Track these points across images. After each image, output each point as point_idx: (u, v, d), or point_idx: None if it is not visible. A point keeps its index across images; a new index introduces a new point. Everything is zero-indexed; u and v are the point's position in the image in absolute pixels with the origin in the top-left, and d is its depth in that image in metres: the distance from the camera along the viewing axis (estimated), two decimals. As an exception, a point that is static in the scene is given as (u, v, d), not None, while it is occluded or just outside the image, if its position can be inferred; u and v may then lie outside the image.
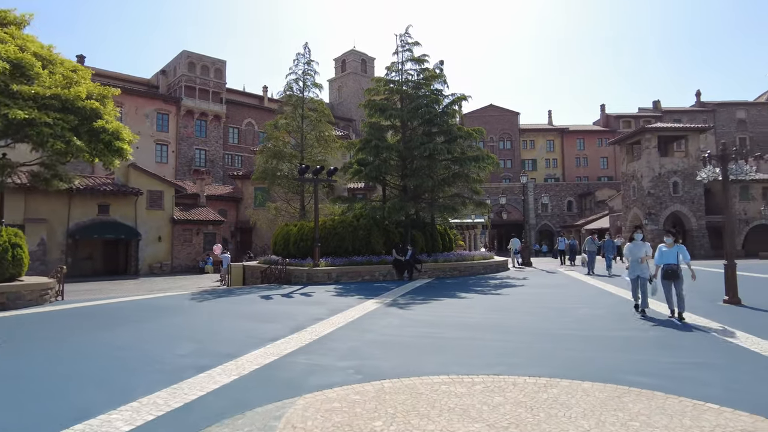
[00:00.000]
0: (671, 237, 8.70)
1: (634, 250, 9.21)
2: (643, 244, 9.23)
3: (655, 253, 8.79)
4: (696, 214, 42.00)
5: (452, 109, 20.80)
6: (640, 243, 9.28)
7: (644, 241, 9.40)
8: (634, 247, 9.25)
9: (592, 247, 18.67)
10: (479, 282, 16.69)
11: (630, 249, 9.28)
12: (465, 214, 23.68)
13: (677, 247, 8.59)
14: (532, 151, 75.03)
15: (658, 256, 8.65)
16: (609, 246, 18.54)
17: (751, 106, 77.13)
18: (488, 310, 10.10)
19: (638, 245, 9.23)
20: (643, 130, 43.49)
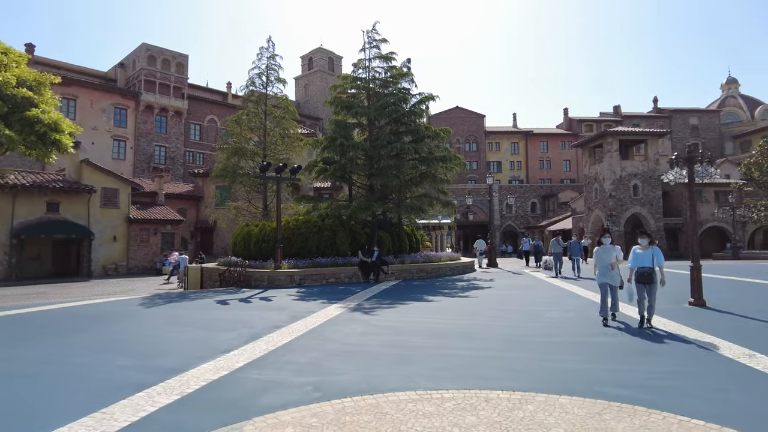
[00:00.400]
0: (646, 238, 8.12)
1: (603, 255, 8.51)
2: (612, 248, 8.53)
3: (629, 255, 8.21)
4: (655, 216, 43.17)
5: (420, 109, 20.44)
6: (610, 247, 8.56)
7: (614, 245, 8.68)
8: (603, 251, 8.54)
9: (558, 249, 18.09)
10: (447, 284, 16.36)
11: (598, 254, 8.58)
12: (432, 214, 23.40)
13: (652, 250, 8.06)
14: (497, 153, 75.97)
15: (633, 258, 8.07)
16: (575, 247, 18.06)
17: (703, 113, 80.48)
18: (457, 315, 9.72)
19: (607, 249, 8.52)
20: (605, 134, 44.43)
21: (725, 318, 9.04)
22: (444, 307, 10.87)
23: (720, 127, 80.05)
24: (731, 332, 7.54)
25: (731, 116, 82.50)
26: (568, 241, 19.29)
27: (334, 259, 17.27)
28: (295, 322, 8.96)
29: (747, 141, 73.38)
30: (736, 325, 8.36)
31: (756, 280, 16.20)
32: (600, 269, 8.55)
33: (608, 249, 8.53)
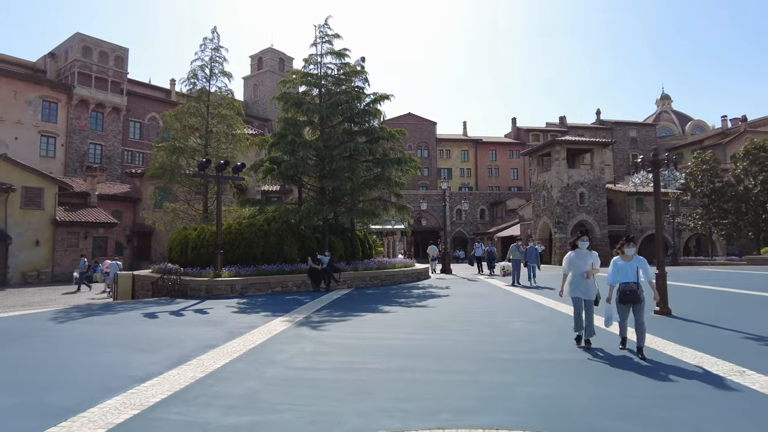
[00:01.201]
0: (632, 246, 6.62)
1: (577, 262, 6.99)
2: (589, 254, 7.05)
3: (609, 267, 6.72)
4: (600, 224, 44.31)
5: (374, 108, 19.54)
6: (586, 252, 7.06)
7: (590, 250, 7.22)
8: (578, 257, 7.02)
9: (517, 255, 16.84)
10: (402, 292, 15.47)
11: (572, 260, 7.04)
12: (385, 219, 22.51)
13: (637, 261, 6.52)
14: (448, 161, 76.64)
15: (613, 272, 6.59)
16: (532, 254, 17.14)
17: (641, 126, 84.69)
18: (417, 328, 8.80)
19: (582, 255, 7.03)
20: (554, 143, 45.31)
21: (695, 328, 8.62)
22: (402, 319, 9.93)
23: (656, 139, 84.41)
24: (708, 344, 7.05)
25: (665, 130, 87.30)
26: (525, 248, 18.10)
27: (281, 266, 15.98)
28: (233, 339, 7.75)
29: (680, 154, 77.51)
30: (709, 335, 7.92)
31: (703, 285, 16.31)
32: (573, 279, 7.05)
33: (583, 255, 7.04)
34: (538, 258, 17.30)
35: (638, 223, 46.12)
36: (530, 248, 17.64)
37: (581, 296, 7.01)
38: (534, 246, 17.94)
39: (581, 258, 7.08)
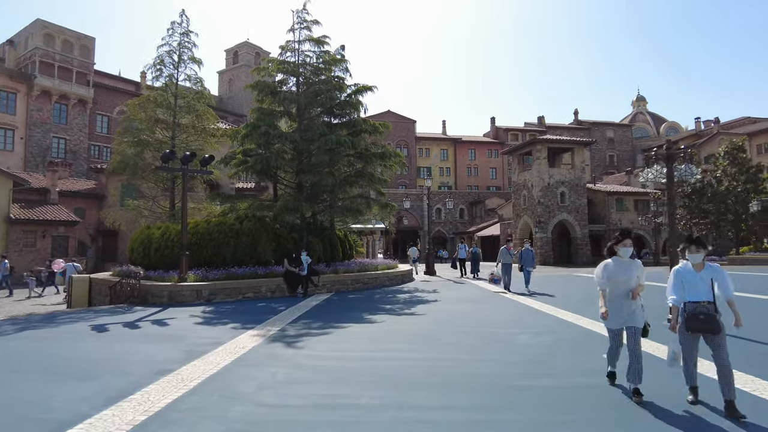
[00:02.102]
0: (700, 250, 4.60)
1: (618, 276, 4.85)
2: (633, 264, 4.93)
3: (670, 279, 4.73)
4: (580, 223, 44.04)
5: (356, 100, 18.26)
6: (629, 262, 4.92)
7: (634, 257, 5.05)
8: (618, 268, 4.88)
9: (508, 259, 15.20)
10: (387, 297, 14.28)
11: (609, 272, 4.90)
12: (367, 218, 21.30)
13: (710, 270, 4.57)
14: (427, 159, 76.00)
15: (676, 285, 4.61)
16: (528, 256, 15.16)
17: (617, 127, 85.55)
18: (409, 343, 7.62)
19: (624, 266, 4.88)
20: (535, 141, 44.85)
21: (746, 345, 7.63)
22: (390, 331, 8.72)
23: (632, 140, 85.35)
24: (746, 362, 6.03)
25: (641, 131, 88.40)
26: (518, 250, 16.66)
27: (253, 269, 14.59)
28: (192, 361, 6.43)
29: (656, 154, 78.39)
30: (741, 350, 6.94)
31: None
32: (613, 300, 4.88)
33: (627, 266, 4.89)
34: (533, 261, 15.43)
35: (618, 223, 45.98)
36: (525, 250, 15.55)
37: (623, 325, 4.92)
38: (529, 248, 15.79)
39: (623, 270, 4.86)
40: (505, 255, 15.35)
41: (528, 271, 15.00)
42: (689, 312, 4.50)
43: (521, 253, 15.49)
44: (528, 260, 15.07)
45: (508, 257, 15.33)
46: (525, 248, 15.64)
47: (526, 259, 15.15)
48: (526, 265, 15.03)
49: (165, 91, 19.54)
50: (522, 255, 15.42)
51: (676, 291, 4.63)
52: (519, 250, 15.92)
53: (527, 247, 15.75)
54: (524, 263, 15.11)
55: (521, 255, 15.44)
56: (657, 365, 5.72)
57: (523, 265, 15.14)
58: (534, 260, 15.38)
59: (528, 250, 15.49)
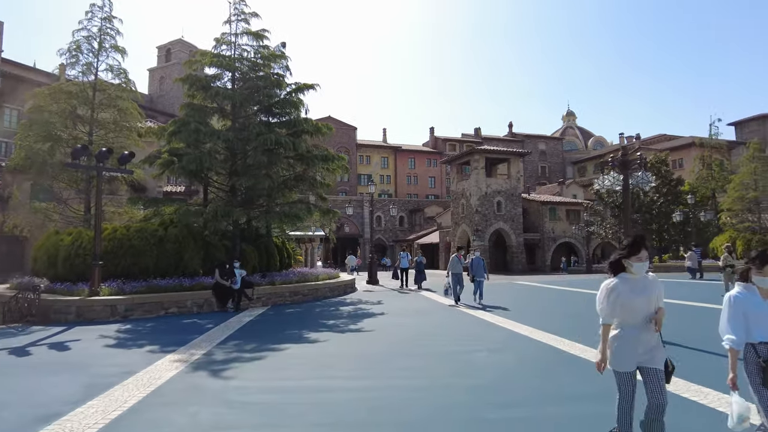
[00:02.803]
0: None
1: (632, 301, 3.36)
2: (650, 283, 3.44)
3: (726, 307, 3.37)
4: (516, 232, 45.10)
5: (297, 98, 17.16)
6: (644, 280, 3.43)
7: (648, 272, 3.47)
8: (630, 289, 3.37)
9: (459, 269, 14.09)
10: (329, 310, 13.26)
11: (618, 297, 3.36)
12: (307, 225, 20.16)
13: None
14: (368, 167, 75.69)
15: (736, 318, 3.30)
16: (479, 265, 14.03)
17: (549, 139, 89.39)
18: (358, 368, 6.69)
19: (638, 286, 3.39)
20: (474, 151, 45.59)
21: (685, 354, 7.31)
22: (336, 353, 7.73)
23: (563, 153, 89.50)
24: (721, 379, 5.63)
25: (571, 144, 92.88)
26: (469, 258, 14.91)
27: (179, 281, 13.07)
28: (91, 400, 5.15)
29: (583, 167, 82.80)
30: (708, 365, 6.61)
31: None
32: (624, 335, 3.41)
33: (641, 285, 3.41)
34: (485, 270, 14.32)
35: (551, 232, 47.56)
36: (476, 259, 14.44)
37: (638, 366, 3.42)
38: (480, 256, 14.72)
39: (639, 291, 3.37)
40: (456, 264, 14.41)
41: (479, 282, 14.01)
42: (766, 359, 3.19)
43: (472, 262, 14.45)
44: (479, 270, 14.05)
45: (458, 266, 14.38)
46: (476, 257, 14.65)
47: (477, 268, 14.10)
48: (477, 275, 14.03)
49: (81, 82, 17.45)
50: (472, 264, 14.38)
51: (736, 328, 3.25)
52: (470, 258, 14.84)
53: (477, 256, 14.76)
54: (475, 273, 14.09)
55: (471, 264, 14.42)
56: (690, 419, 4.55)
57: (474, 275, 14.14)
58: (486, 270, 14.40)
59: (479, 259, 14.48)
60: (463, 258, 15.02)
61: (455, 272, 14.15)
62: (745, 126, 64.90)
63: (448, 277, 14.30)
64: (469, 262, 14.62)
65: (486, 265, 14.50)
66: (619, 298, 3.38)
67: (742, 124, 65.07)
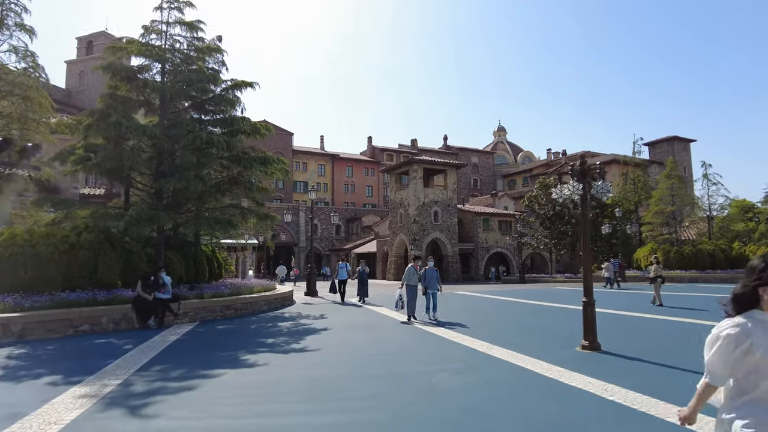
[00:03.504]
0: None
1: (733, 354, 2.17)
2: None
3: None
4: (451, 242, 45.61)
5: (233, 96, 15.90)
6: None
7: None
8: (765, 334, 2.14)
9: (414, 280, 12.79)
10: (266, 326, 12.09)
11: (750, 343, 2.13)
12: (240, 232, 18.76)
13: None
14: (304, 174, 74.34)
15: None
16: (432, 276, 12.85)
17: (481, 153, 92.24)
18: (309, 398, 5.72)
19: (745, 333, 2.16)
20: (412, 162, 45.73)
21: (642, 369, 7.02)
22: (280, 379, 6.69)
23: (494, 166, 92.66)
24: None
25: (501, 158, 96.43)
26: (422, 269, 13.37)
27: (93, 294, 11.39)
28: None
29: (513, 180, 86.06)
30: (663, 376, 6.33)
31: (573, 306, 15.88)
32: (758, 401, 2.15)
33: None
34: (439, 281, 13.10)
35: (485, 242, 48.52)
36: (429, 269, 13.15)
37: None
38: (433, 266, 13.41)
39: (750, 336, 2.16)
40: (412, 275, 12.98)
41: (432, 294, 12.92)
42: None
43: (425, 273, 13.11)
44: (432, 281, 12.93)
45: (414, 278, 12.97)
46: (429, 267, 13.31)
47: (431, 279, 12.95)
48: (431, 287, 12.93)
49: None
50: (426, 275, 13.05)
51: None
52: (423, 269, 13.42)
53: (431, 266, 13.36)
54: (428, 285, 12.96)
55: (425, 275, 13.09)
56: None
57: (427, 287, 12.97)
58: (440, 281, 13.21)
59: (432, 270, 13.16)
60: (419, 268, 13.44)
61: (411, 284, 12.85)
62: (656, 146, 70.24)
63: (401, 288, 12.91)
64: (421, 273, 13.24)
65: (439, 277, 13.39)
66: (755, 353, 2.12)
67: (653, 145, 70.34)
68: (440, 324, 11.96)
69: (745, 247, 31.38)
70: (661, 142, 70.10)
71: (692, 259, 30.41)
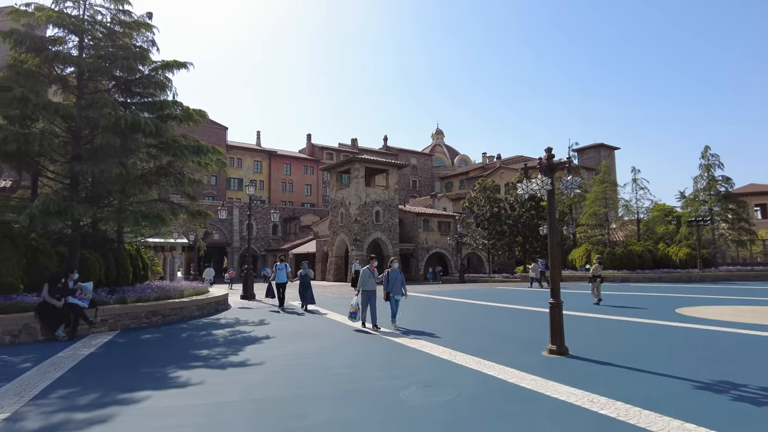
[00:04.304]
0: None
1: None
2: None
3: None
4: (392, 242, 45.27)
5: (164, 78, 14.25)
6: None
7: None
8: None
9: (371, 285, 11.11)
10: (199, 335, 10.71)
11: None
12: (170, 229, 17.05)
13: None
14: (239, 171, 71.56)
15: None
16: (396, 280, 11.16)
17: (420, 155, 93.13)
18: (258, 428, 4.69)
19: None
20: (353, 160, 44.93)
21: (619, 375, 6.58)
22: (219, 402, 5.51)
23: (432, 168, 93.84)
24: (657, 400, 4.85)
25: (439, 161, 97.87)
26: (386, 270, 11.52)
27: (-16, 300, 9.56)
28: None
29: (450, 182, 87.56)
30: (644, 383, 5.88)
31: (530, 308, 15.74)
32: None
33: None
34: (403, 286, 11.32)
35: (425, 242, 48.60)
36: (393, 272, 11.33)
37: None
38: (398, 269, 11.57)
39: None
40: (368, 279, 11.13)
41: (396, 301, 11.18)
42: None
43: (387, 276, 11.28)
44: (397, 285, 11.17)
45: (371, 282, 11.16)
46: (393, 269, 11.44)
47: (395, 283, 11.15)
48: (394, 292, 11.15)
49: None
50: (389, 278, 11.23)
51: None
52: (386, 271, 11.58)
53: (396, 268, 11.50)
54: (392, 289, 11.15)
55: (387, 278, 11.27)
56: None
57: (391, 293, 11.14)
58: (404, 285, 11.44)
59: (396, 272, 11.38)
60: (377, 271, 11.57)
61: (367, 289, 11.12)
62: (584, 153, 73.85)
63: (357, 295, 11.31)
64: (383, 276, 11.44)
65: (404, 281, 11.53)
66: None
67: (581, 151, 73.90)
68: (400, 330, 10.90)
69: (669, 249, 33.23)
70: (588, 148, 73.80)
71: (624, 260, 31.76)
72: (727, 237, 34.95)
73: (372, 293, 11.16)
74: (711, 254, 33.84)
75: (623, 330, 10.91)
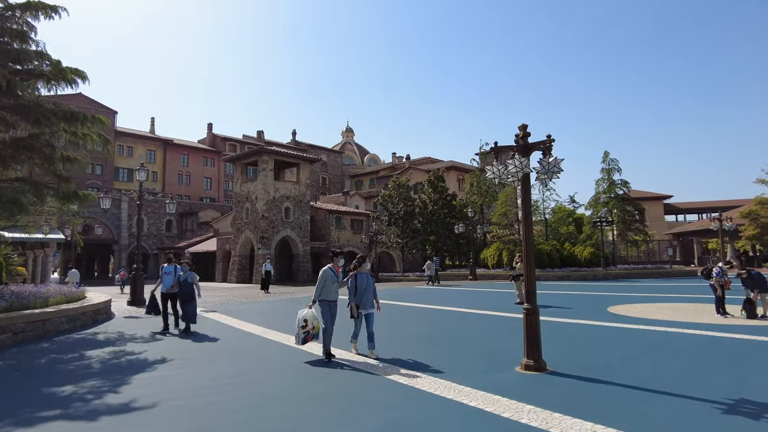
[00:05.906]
0: None
1: None
2: None
3: None
4: (303, 240, 43.07)
5: (24, 22, 10.97)
6: None
7: None
8: None
9: (334, 294, 7.86)
10: (64, 359, 7.95)
11: None
12: (34, 219, 13.57)
13: None
14: (129, 160, 64.75)
15: None
16: (369, 288, 7.88)
17: (330, 152, 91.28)
18: None
19: None
20: (262, 151, 42.00)
21: (614, 395, 5.35)
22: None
23: (342, 166, 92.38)
24: None
25: (349, 159, 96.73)
26: (351, 273, 8.02)
27: None
28: None
29: (360, 180, 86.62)
30: (648, 406, 4.71)
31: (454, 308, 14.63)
32: None
33: None
34: (375, 296, 8.14)
35: (337, 241, 46.91)
36: (362, 276, 7.99)
37: None
38: (369, 271, 8.32)
39: None
40: (330, 285, 7.89)
41: (369, 315, 7.96)
42: None
43: (356, 281, 7.94)
44: (368, 295, 7.97)
45: (334, 289, 7.93)
46: (362, 272, 8.08)
47: (367, 292, 7.93)
48: (365, 306, 7.94)
49: None
50: (358, 285, 7.91)
51: None
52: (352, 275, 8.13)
53: (367, 272, 8.19)
54: (362, 302, 7.91)
55: (355, 284, 7.94)
56: None
57: (359, 306, 7.87)
58: (377, 294, 8.20)
59: (367, 276, 8.09)
60: (341, 272, 8.18)
61: (329, 299, 7.88)
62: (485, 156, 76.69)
63: (310, 307, 7.89)
64: (347, 282, 8.08)
65: (375, 288, 8.22)
66: None
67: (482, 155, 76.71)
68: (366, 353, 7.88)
69: (574, 248, 34.62)
70: (488, 153, 76.67)
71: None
72: (625, 237, 37.30)
73: (333, 304, 7.93)
74: (611, 253, 35.87)
75: (574, 333, 9.97)
